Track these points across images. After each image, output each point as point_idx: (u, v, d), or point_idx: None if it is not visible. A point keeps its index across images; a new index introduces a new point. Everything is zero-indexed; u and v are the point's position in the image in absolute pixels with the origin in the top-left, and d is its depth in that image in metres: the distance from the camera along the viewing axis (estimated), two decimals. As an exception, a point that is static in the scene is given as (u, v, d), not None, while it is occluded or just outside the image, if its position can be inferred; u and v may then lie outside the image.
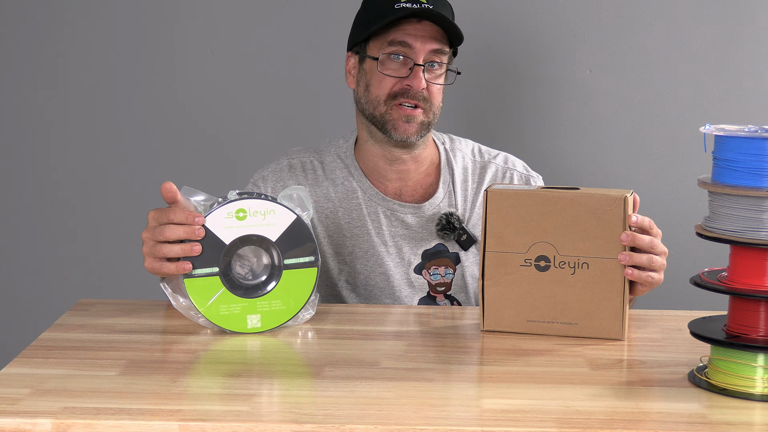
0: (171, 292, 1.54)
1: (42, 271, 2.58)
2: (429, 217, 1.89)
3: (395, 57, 1.83)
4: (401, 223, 1.89)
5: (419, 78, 1.82)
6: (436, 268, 1.89)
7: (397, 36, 1.82)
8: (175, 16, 2.48)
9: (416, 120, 1.83)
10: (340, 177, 1.91)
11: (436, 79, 1.85)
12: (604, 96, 2.45)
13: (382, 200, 1.89)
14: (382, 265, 1.88)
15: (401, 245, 1.89)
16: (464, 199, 1.91)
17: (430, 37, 1.83)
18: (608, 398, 1.28)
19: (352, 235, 1.89)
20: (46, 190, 2.55)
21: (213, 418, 1.19)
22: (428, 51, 1.83)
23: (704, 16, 2.42)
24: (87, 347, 1.47)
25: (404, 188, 1.91)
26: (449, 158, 1.93)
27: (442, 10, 1.83)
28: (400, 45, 1.82)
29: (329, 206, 1.90)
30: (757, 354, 1.28)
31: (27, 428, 1.18)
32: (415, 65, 1.82)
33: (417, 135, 1.84)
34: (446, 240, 1.89)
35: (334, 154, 1.94)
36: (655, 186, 2.46)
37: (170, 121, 2.51)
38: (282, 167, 1.93)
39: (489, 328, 1.57)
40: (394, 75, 1.83)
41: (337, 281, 1.91)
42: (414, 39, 1.82)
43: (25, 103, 2.52)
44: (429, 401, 1.26)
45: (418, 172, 1.92)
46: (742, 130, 1.28)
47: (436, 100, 1.85)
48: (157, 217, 1.54)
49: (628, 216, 1.50)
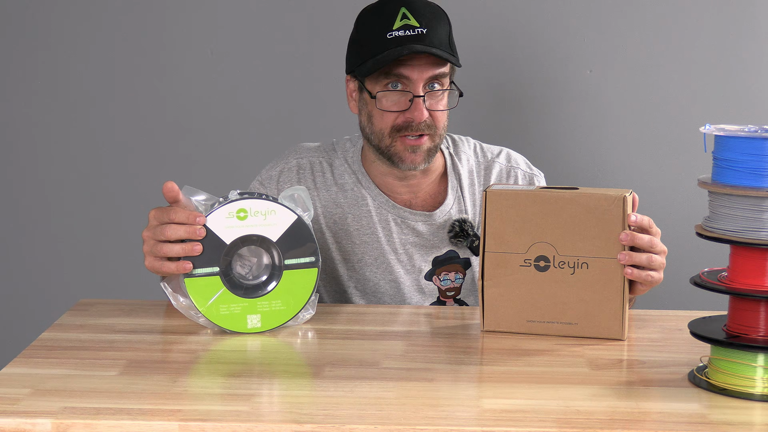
0: (171, 291, 1.54)
1: (42, 271, 2.58)
2: (440, 224, 1.88)
3: (392, 86, 1.79)
4: (412, 230, 1.88)
5: (420, 110, 1.77)
6: (447, 273, 1.88)
7: (393, 68, 1.77)
8: (175, 16, 2.48)
9: (422, 149, 1.80)
10: (349, 183, 1.90)
11: (438, 104, 1.80)
12: (604, 96, 2.45)
13: (392, 208, 1.88)
14: (392, 273, 1.88)
15: (412, 253, 1.88)
16: (473, 203, 1.90)
17: (427, 65, 1.78)
18: (608, 398, 1.28)
19: (361, 242, 1.88)
20: (46, 190, 2.55)
21: (213, 418, 1.19)
22: (426, 78, 1.78)
23: (704, 16, 2.42)
24: (87, 347, 1.47)
25: (414, 199, 1.90)
26: (455, 163, 1.92)
27: (437, 30, 1.79)
28: (396, 77, 1.78)
29: (338, 212, 1.88)
30: (757, 354, 1.28)
31: (27, 428, 1.18)
32: (415, 97, 1.78)
33: (424, 162, 1.82)
34: (459, 247, 1.88)
35: (342, 159, 1.92)
36: (655, 186, 2.46)
37: (170, 120, 2.51)
38: (291, 167, 1.91)
39: (489, 328, 1.57)
40: (395, 110, 1.79)
41: (347, 287, 1.90)
42: (410, 70, 1.77)
43: (25, 103, 2.52)
44: (429, 401, 1.26)
45: (428, 183, 1.91)
46: (742, 130, 1.28)
47: (441, 123, 1.81)
48: (158, 216, 1.54)
49: (627, 215, 1.50)
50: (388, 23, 1.78)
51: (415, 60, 1.77)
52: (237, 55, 2.48)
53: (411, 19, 1.77)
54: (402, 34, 1.77)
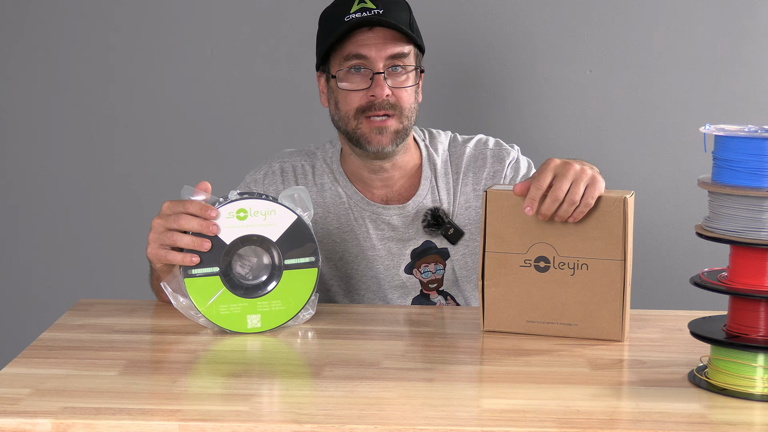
0: (171, 291, 1.54)
1: (42, 271, 2.58)
2: (413, 215, 1.88)
3: (355, 70, 1.80)
4: (387, 225, 1.88)
5: (381, 86, 1.79)
6: (426, 265, 1.89)
7: (352, 49, 1.79)
8: (174, 16, 2.48)
9: (388, 130, 1.81)
10: (327, 183, 1.91)
11: (402, 84, 1.81)
12: (604, 96, 2.45)
13: (367, 205, 1.89)
14: (373, 269, 1.88)
15: (390, 247, 1.88)
16: (447, 192, 1.90)
17: (385, 43, 1.79)
18: (608, 398, 1.28)
19: (341, 240, 1.89)
20: (46, 191, 2.55)
21: (213, 418, 1.19)
22: (386, 57, 1.79)
23: (704, 16, 2.42)
24: (87, 347, 1.47)
25: (390, 194, 1.90)
26: (430, 154, 1.92)
27: (394, 12, 1.80)
28: (356, 58, 1.80)
29: (319, 211, 1.90)
30: (757, 354, 1.28)
31: (27, 428, 1.18)
32: (375, 74, 1.79)
33: (392, 144, 1.82)
34: (433, 236, 1.88)
35: (322, 160, 1.93)
36: (655, 186, 2.46)
37: (170, 121, 2.51)
38: (274, 170, 1.93)
39: (489, 328, 1.57)
40: (357, 89, 1.80)
41: (330, 286, 1.91)
42: (368, 48, 1.79)
43: (25, 104, 2.52)
44: (429, 401, 1.26)
45: (403, 177, 1.91)
46: (742, 130, 1.28)
47: (407, 104, 1.82)
48: (171, 206, 1.54)
49: (627, 218, 1.50)
50: (346, 9, 1.81)
51: (372, 39, 1.79)
52: (237, 55, 2.48)
53: (368, 2, 1.80)
54: (359, 16, 1.79)
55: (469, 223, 1.88)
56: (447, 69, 2.44)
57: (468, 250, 1.87)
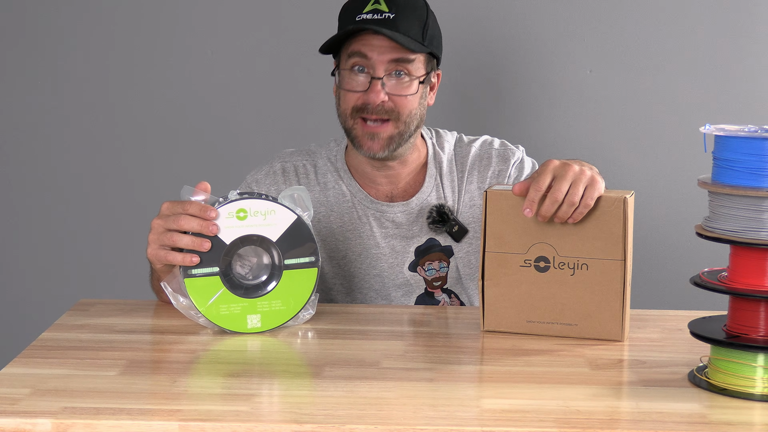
0: (171, 291, 1.54)
1: (42, 271, 2.58)
2: (418, 212, 1.88)
3: (358, 70, 1.79)
4: (392, 223, 1.88)
5: (376, 92, 1.77)
6: (430, 263, 1.89)
7: (356, 47, 1.78)
8: (174, 16, 2.48)
9: (380, 136, 1.80)
10: (331, 181, 1.91)
11: (403, 90, 1.79)
12: (604, 96, 2.45)
13: (371, 203, 1.89)
14: (376, 267, 1.88)
15: (394, 245, 1.88)
16: (452, 190, 1.90)
17: (389, 48, 1.77)
18: (608, 398, 1.28)
19: (344, 238, 1.89)
20: (46, 191, 2.55)
21: (213, 418, 1.19)
22: (388, 61, 1.78)
23: (704, 16, 2.42)
24: (87, 347, 1.47)
25: (395, 190, 1.90)
26: (437, 152, 1.92)
27: (407, 18, 1.78)
28: (359, 56, 1.78)
29: (321, 210, 1.89)
30: (757, 354, 1.28)
31: (27, 428, 1.18)
32: (373, 79, 1.78)
33: (384, 150, 1.81)
34: (438, 233, 1.88)
35: (326, 158, 1.93)
36: (655, 186, 2.46)
37: (170, 121, 2.51)
38: (275, 170, 1.92)
39: (489, 328, 1.57)
40: (354, 90, 1.80)
41: (332, 285, 1.91)
42: (371, 50, 1.78)
43: (25, 104, 2.52)
44: (429, 401, 1.26)
45: (408, 173, 1.91)
46: (742, 130, 1.28)
47: (406, 110, 1.80)
48: (171, 207, 1.54)
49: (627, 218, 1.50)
50: (360, 6, 1.80)
51: (376, 41, 1.78)
52: (237, 55, 2.48)
53: (382, 4, 1.79)
54: (369, 17, 1.78)
55: (474, 221, 1.88)
56: (447, 69, 2.44)
57: (472, 248, 1.87)
